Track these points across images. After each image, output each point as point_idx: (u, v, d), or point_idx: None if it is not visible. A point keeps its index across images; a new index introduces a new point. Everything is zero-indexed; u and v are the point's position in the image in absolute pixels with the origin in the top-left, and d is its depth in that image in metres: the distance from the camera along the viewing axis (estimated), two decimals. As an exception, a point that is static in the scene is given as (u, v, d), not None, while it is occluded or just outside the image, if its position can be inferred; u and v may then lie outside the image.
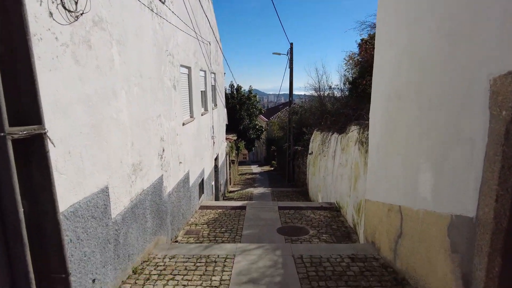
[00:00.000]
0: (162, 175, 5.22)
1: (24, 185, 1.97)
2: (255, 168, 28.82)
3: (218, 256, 4.64)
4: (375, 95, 5.21)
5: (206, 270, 4.18)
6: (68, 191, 2.69)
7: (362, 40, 11.96)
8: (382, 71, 4.90)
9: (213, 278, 3.99)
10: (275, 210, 8.16)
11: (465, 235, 2.88)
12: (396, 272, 4.14)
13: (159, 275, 4.03)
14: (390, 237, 4.42)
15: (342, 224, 7.11)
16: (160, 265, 4.30)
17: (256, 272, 4.17)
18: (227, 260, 4.52)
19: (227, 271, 4.19)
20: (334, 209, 8.14)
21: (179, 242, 5.79)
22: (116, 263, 3.60)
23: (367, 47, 10.14)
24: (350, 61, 12.12)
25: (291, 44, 17.54)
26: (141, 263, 4.31)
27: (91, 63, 3.07)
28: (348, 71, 13.03)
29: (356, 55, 11.91)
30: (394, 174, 4.38)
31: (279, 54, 18.70)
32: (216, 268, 4.25)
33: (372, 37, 11.01)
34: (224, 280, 3.95)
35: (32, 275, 1.92)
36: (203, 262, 4.41)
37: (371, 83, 10.13)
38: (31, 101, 1.97)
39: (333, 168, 9.03)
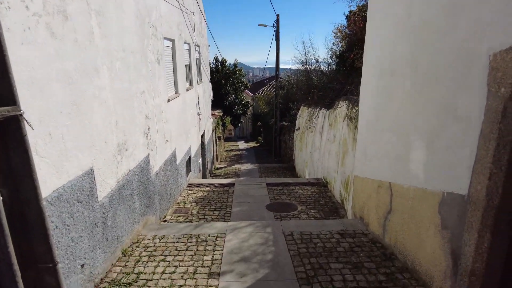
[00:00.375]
0: (148, 154, 5.07)
1: (2, 172, 1.82)
2: (242, 144, 28.77)
3: (209, 235, 4.62)
4: (366, 70, 5.11)
5: (197, 250, 4.16)
6: (51, 175, 2.53)
7: (350, 12, 11.69)
8: (374, 45, 4.77)
9: (205, 257, 3.97)
10: (263, 187, 8.17)
11: (456, 212, 2.91)
12: (385, 248, 4.23)
13: (149, 256, 3.98)
14: (379, 213, 4.47)
15: (330, 199, 7.20)
16: (150, 246, 4.25)
17: (248, 250, 4.17)
18: (218, 239, 4.50)
19: (218, 250, 4.18)
20: (321, 185, 8.22)
21: (168, 222, 5.73)
22: (105, 246, 3.51)
23: (356, 19, 9.92)
24: (338, 34, 11.89)
25: (277, 15, 17.03)
26: (131, 245, 4.24)
27: (69, 36, 2.83)
28: (336, 45, 12.82)
29: (344, 27, 11.67)
30: (385, 151, 4.37)
31: (265, 26, 18.19)
32: (207, 248, 4.23)
33: (361, 9, 10.76)
34: (215, 259, 3.94)
35: (16, 267, 1.81)
36: (193, 242, 4.38)
37: (359, 57, 10.05)
38: (2, 79, 1.77)
39: (321, 144, 9.04)
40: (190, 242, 4.38)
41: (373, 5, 4.80)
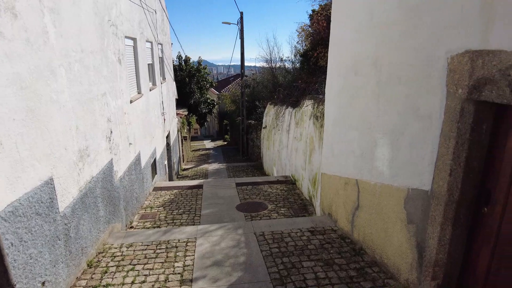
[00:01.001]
0: (111, 159, 4.84)
1: None
2: (208, 143, 28.43)
3: (179, 240, 4.50)
4: (331, 70, 5.21)
5: (167, 257, 4.03)
6: (4, 188, 2.32)
7: (313, 11, 11.90)
8: (339, 45, 4.87)
9: (176, 264, 3.86)
10: (232, 187, 8.13)
11: (420, 207, 3.05)
12: (354, 243, 4.36)
13: (117, 266, 3.80)
14: (347, 209, 4.60)
15: (298, 196, 7.31)
16: (118, 255, 4.06)
17: (220, 254, 4.12)
18: (188, 244, 4.40)
19: (189, 255, 4.08)
20: (290, 182, 8.32)
21: (134, 228, 5.52)
22: (68, 259, 3.30)
23: (319, 18, 10.11)
24: (302, 33, 12.07)
25: (241, 13, 16.96)
26: (97, 255, 4.03)
27: (20, 36, 2.61)
28: (299, 43, 13.00)
29: (308, 26, 11.86)
30: (351, 149, 4.48)
31: (229, 23, 18.05)
32: (178, 254, 4.12)
33: (323, 8, 10.97)
34: (187, 265, 3.85)
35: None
36: (163, 248, 4.25)
37: (322, 55, 10.26)
38: None
39: (288, 142, 9.14)
40: (160, 248, 4.25)
41: (337, 5, 4.89)
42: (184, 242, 4.44)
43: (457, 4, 2.54)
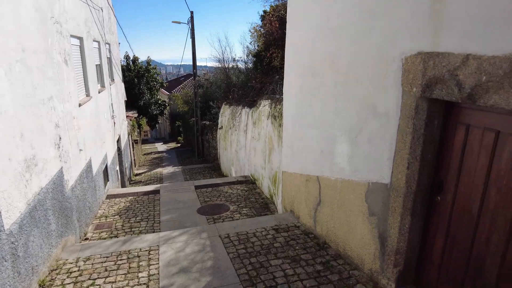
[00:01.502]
0: (62, 167, 4.48)
1: None
2: (160, 146, 27.51)
3: (141, 249, 4.30)
4: (288, 70, 5.31)
5: (130, 267, 3.83)
6: None
7: (265, 12, 12.04)
8: (295, 46, 4.98)
9: (140, 274, 3.68)
10: (191, 190, 7.95)
11: (380, 199, 3.23)
12: (318, 237, 4.49)
13: (74, 283, 3.52)
14: (309, 205, 4.73)
15: (259, 196, 7.36)
16: (74, 271, 3.76)
17: (186, 260, 4.00)
18: (151, 252, 4.22)
19: (153, 264, 3.92)
20: (249, 182, 8.36)
21: (90, 240, 5.16)
22: (16, 282, 2.98)
23: (271, 19, 10.24)
24: (255, 34, 12.14)
25: (191, 12, 16.66)
26: (49, 273, 3.69)
27: (-48, 34, 2.30)
28: (252, 44, 13.07)
29: (260, 27, 11.96)
30: (311, 147, 4.61)
31: (179, 23, 17.63)
32: (141, 263, 3.93)
33: (275, 9, 11.13)
34: (152, 274, 3.69)
35: None
36: (125, 259, 4.03)
37: (276, 56, 10.42)
38: None
39: (246, 142, 9.17)
40: (121, 259, 4.02)
41: (292, 7, 4.99)
42: (147, 250, 4.25)
43: (408, 9, 2.73)
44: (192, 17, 16.56)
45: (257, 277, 3.59)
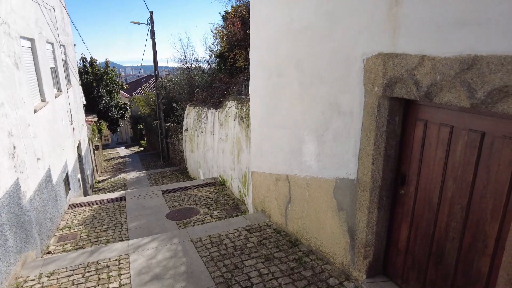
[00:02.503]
0: (18, 178, 4.20)
1: None
2: (122, 151, 26.51)
3: (110, 259, 4.14)
4: (254, 72, 5.35)
5: (99, 279, 3.68)
6: None
7: (226, 12, 12.02)
8: (260, 47, 5.03)
9: (111, 285, 3.55)
10: (159, 195, 7.77)
11: (348, 195, 3.37)
12: (289, 235, 4.58)
13: (39, 300, 3.33)
14: (280, 203, 4.81)
15: (230, 197, 7.35)
16: (37, 288, 3.55)
17: (158, 267, 3.92)
18: (121, 261, 4.08)
19: (124, 273, 3.79)
20: (219, 184, 8.31)
21: (53, 253, 4.88)
22: (-26, 304, 2.77)
23: (234, 20, 10.24)
24: (217, 34, 12.08)
25: (151, 12, 16.21)
26: (9, 293, 3.46)
27: None
28: (215, 44, 12.99)
29: (222, 28, 11.92)
30: (279, 146, 4.69)
31: (138, 23, 17.09)
32: (111, 274, 3.79)
33: (236, 10, 11.15)
34: (124, 284, 3.57)
35: None
36: (93, 270, 3.86)
37: (240, 56, 10.45)
38: None
39: (213, 143, 9.11)
40: (89, 271, 3.84)
41: (255, 9, 5.03)
42: (116, 260, 4.10)
43: (367, 12, 2.86)
44: (151, 17, 16.14)
45: (232, 279, 3.60)
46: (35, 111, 5.41)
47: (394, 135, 2.93)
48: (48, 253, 4.90)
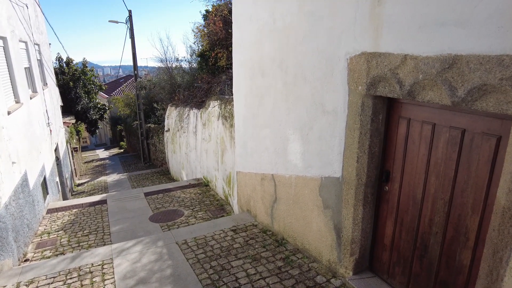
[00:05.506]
0: (-8, 184, 4.01)
1: None
2: (102, 153, 25.85)
3: (92, 264, 4.03)
4: (237, 71, 5.33)
5: (82, 286, 3.57)
6: None
7: (207, 11, 11.92)
8: (243, 47, 5.01)
9: (94, 292, 3.45)
10: (141, 198, 7.62)
11: (334, 193, 3.40)
12: (276, 234, 4.59)
13: (18, 310, 3.19)
14: (266, 203, 4.81)
15: (214, 198, 7.30)
16: (16, 298, 3.41)
17: (143, 271, 3.84)
18: (104, 266, 3.97)
19: (108, 278, 3.70)
20: (203, 185, 8.24)
21: (31, 260, 4.69)
22: None
23: (215, 19, 10.16)
24: (198, 33, 11.96)
25: (130, 11, 15.87)
26: (-14, 303, 3.30)
27: None
28: (196, 44, 12.86)
29: (203, 27, 11.81)
30: (264, 146, 4.69)
31: (117, 22, 16.69)
32: (94, 279, 3.68)
33: (217, 9, 11.07)
34: (108, 290, 3.48)
35: None
36: (75, 277, 3.74)
37: (222, 56, 10.38)
38: None
39: (196, 144, 9.02)
40: (71, 278, 3.72)
41: (238, 8, 5.01)
42: (99, 265, 4.00)
43: (350, 12, 2.89)
44: (130, 16, 15.81)
45: (220, 280, 3.57)
46: (9, 113, 5.19)
47: (378, 133, 2.98)
48: (26, 260, 4.72)
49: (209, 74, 11.39)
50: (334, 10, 3.07)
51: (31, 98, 7.14)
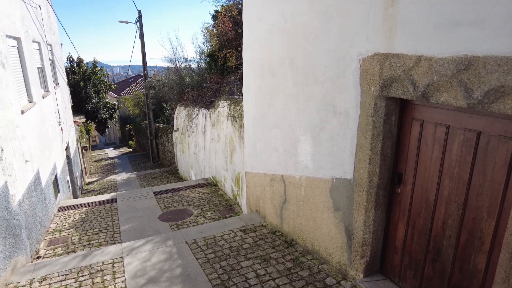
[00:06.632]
0: (6, 182, 4.08)
1: None
2: (111, 152, 26.12)
3: (103, 262, 4.06)
4: (247, 71, 5.33)
5: (94, 283, 3.60)
6: None
7: (216, 12, 11.95)
8: (253, 47, 5.01)
9: (105, 290, 3.49)
10: (150, 197, 7.68)
11: (345, 194, 3.38)
12: (285, 235, 4.58)
13: (31, 307, 3.24)
14: (275, 204, 4.80)
15: (223, 198, 7.32)
16: (29, 294, 3.46)
17: (153, 270, 3.86)
18: (115, 264, 4.01)
19: (119, 277, 3.73)
20: (211, 185, 8.26)
21: (43, 257, 4.76)
22: (-36, 312, 2.67)
23: (224, 19, 10.18)
24: (208, 34, 12.00)
25: (139, 12, 16.02)
26: (0, 300, 3.36)
27: None
28: (205, 44, 12.90)
29: (213, 27, 11.85)
30: (274, 146, 4.68)
31: (127, 22, 16.86)
32: (105, 277, 3.72)
33: (226, 9, 11.10)
34: (119, 288, 3.51)
35: None
36: (86, 275, 3.78)
37: (231, 56, 10.40)
38: None
39: (205, 144, 9.05)
40: (82, 275, 3.77)
41: (248, 9, 5.01)
42: (110, 263, 4.03)
43: (363, 12, 2.87)
44: (140, 16, 15.95)
45: (229, 281, 3.57)
46: (22, 112, 5.28)
47: (391, 135, 2.95)
48: (38, 257, 4.79)
49: (218, 74, 11.43)
50: (346, 10, 3.05)
51: (43, 98, 7.25)
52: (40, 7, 8.22)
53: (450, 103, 2.32)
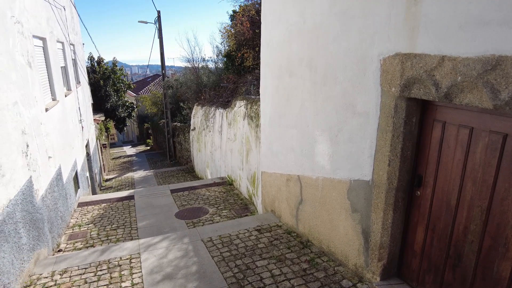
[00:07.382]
0: (31, 177, 4.22)
1: None
2: (129, 150, 26.67)
3: (121, 258, 4.15)
4: (264, 71, 5.33)
5: (111, 278, 3.68)
6: None
7: (234, 12, 12.00)
8: (271, 46, 5.00)
9: (123, 284, 3.56)
10: (167, 194, 7.78)
11: (363, 196, 3.33)
12: (300, 236, 4.55)
13: (52, 298, 3.35)
14: (291, 204, 4.78)
15: (238, 197, 7.34)
16: (51, 286, 3.56)
17: (169, 267, 3.92)
18: (132, 260, 4.09)
19: (136, 272, 3.80)
20: (227, 184, 8.31)
21: (64, 251, 4.91)
22: (-9, 301, 2.78)
23: (242, 19, 10.22)
24: (225, 34, 12.06)
25: (158, 12, 16.28)
26: (23, 290, 3.48)
27: None
28: (223, 44, 12.97)
29: (230, 27, 11.90)
30: (290, 147, 4.66)
31: (146, 22, 17.18)
32: (123, 272, 3.79)
33: (244, 9, 11.13)
34: (136, 283, 3.57)
35: None
36: (105, 269, 3.87)
37: (248, 56, 10.42)
38: None
39: (221, 143, 9.10)
40: (101, 270, 3.86)
41: (267, 9, 5.01)
42: (127, 259, 4.11)
43: (384, 12, 2.82)
44: (159, 16, 16.19)
45: (244, 279, 3.58)
46: (46, 110, 5.44)
47: (411, 136, 2.89)
48: (59, 251, 4.93)
49: (235, 74, 11.47)
50: (367, 10, 3.00)
51: (65, 96, 7.46)
52: (64, 8, 8.46)
53: (475, 105, 2.26)
